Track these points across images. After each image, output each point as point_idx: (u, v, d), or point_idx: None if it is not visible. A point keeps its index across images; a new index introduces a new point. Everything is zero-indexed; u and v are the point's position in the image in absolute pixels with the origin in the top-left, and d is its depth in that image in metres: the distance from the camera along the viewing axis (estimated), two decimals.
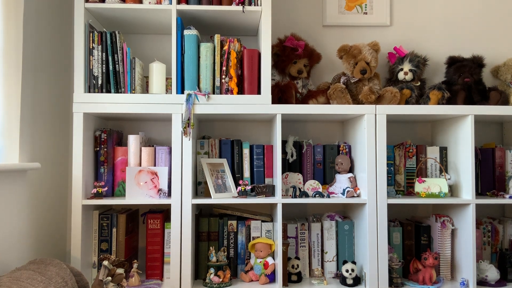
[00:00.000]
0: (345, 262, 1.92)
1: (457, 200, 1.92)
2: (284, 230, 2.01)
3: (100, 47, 1.85)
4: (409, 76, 2.09)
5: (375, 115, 1.87)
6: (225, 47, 1.89)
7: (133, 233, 2.05)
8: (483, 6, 2.32)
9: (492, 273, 1.93)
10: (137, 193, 1.85)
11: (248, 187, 1.93)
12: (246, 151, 2.04)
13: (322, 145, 2.09)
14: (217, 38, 1.90)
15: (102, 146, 1.93)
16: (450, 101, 2.05)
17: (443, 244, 1.98)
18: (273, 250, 1.94)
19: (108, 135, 1.94)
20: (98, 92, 1.85)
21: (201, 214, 2.07)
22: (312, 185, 2.00)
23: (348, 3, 2.28)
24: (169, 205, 1.84)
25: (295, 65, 2.10)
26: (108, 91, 1.86)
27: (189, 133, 1.83)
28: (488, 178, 2.07)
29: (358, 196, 1.94)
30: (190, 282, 1.80)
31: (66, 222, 2.10)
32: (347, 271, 1.88)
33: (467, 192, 1.91)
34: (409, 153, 2.06)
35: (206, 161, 1.97)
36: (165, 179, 1.87)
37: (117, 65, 1.86)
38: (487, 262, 1.96)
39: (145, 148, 1.93)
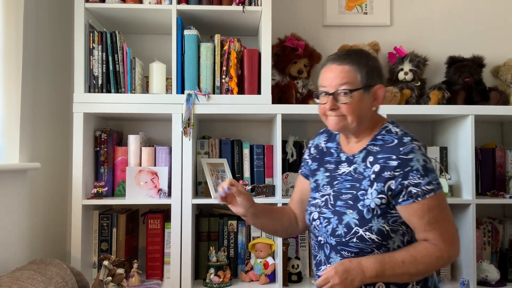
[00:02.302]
0: None
1: (457, 200, 1.92)
2: None
3: (100, 47, 1.85)
4: (409, 76, 2.09)
5: None
6: (225, 47, 1.89)
7: (133, 233, 2.05)
8: (483, 6, 2.31)
9: (492, 273, 1.93)
10: (137, 193, 1.85)
11: (248, 187, 1.93)
12: (246, 151, 2.04)
13: None
14: (217, 38, 1.90)
15: (102, 146, 1.93)
16: (450, 101, 2.04)
17: None
18: (273, 250, 1.94)
19: (108, 135, 1.94)
20: (98, 92, 1.85)
21: (201, 214, 2.07)
22: None
23: (348, 3, 2.28)
24: (169, 205, 1.84)
25: (295, 65, 2.09)
26: (108, 91, 1.86)
27: (189, 133, 1.83)
28: (488, 178, 2.07)
29: None
30: (190, 282, 1.80)
31: (66, 222, 2.10)
32: None
33: (467, 192, 1.91)
34: None
35: (206, 161, 1.96)
36: (165, 179, 1.87)
37: (117, 65, 1.86)
38: (487, 262, 1.96)
39: (145, 148, 1.93)
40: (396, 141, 1.19)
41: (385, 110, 1.88)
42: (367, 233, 1.17)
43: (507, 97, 2.08)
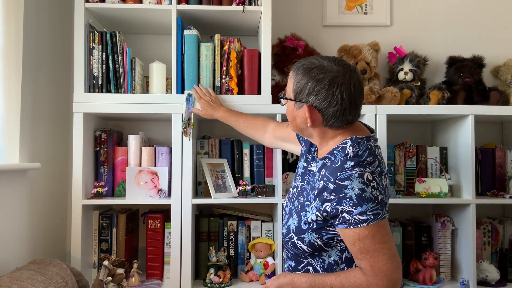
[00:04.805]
0: None
1: (457, 200, 1.92)
2: None
3: (100, 47, 1.85)
4: (409, 76, 2.09)
5: (375, 115, 1.87)
6: (225, 47, 1.89)
7: (133, 233, 2.05)
8: (483, 6, 2.32)
9: (492, 273, 1.93)
10: (137, 193, 1.85)
11: (248, 187, 1.93)
12: (246, 151, 2.04)
13: None
14: (217, 38, 1.90)
15: (102, 146, 1.93)
16: (450, 101, 2.04)
17: (443, 244, 1.98)
18: (273, 250, 1.94)
19: (108, 135, 1.94)
20: (98, 92, 1.84)
21: (201, 214, 2.07)
22: None
23: (348, 3, 2.28)
24: (169, 205, 1.84)
25: None
26: (108, 91, 1.86)
27: (189, 133, 1.83)
28: (488, 178, 2.07)
29: None
30: (190, 282, 1.80)
31: (66, 222, 2.10)
32: None
33: (467, 192, 1.91)
34: (409, 153, 2.06)
35: (206, 161, 1.96)
36: (165, 179, 1.87)
37: (117, 65, 1.86)
38: (487, 262, 1.96)
39: (145, 148, 1.93)
40: (339, 163, 1.17)
41: (385, 110, 1.88)
42: (299, 242, 1.22)
43: (507, 97, 2.08)
